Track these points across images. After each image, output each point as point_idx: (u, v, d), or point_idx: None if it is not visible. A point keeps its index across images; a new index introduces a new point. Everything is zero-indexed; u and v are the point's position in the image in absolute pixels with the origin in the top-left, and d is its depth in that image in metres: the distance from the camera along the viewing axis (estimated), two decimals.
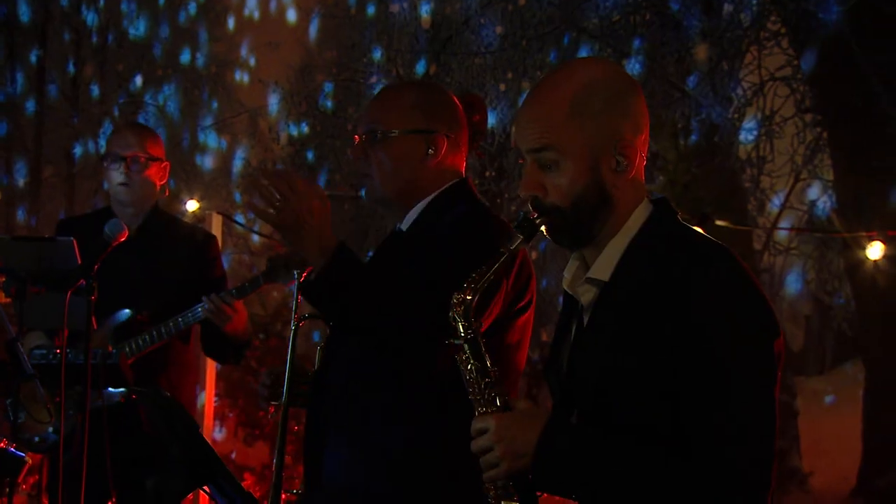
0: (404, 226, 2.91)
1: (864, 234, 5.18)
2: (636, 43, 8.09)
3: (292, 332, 3.05)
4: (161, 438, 2.61)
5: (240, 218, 10.13)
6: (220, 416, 9.04)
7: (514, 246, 2.10)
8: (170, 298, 4.01)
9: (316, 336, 9.57)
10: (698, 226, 2.20)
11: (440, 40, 9.23)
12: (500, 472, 2.02)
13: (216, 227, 6.06)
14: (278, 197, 2.61)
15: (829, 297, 9.18)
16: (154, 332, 3.95)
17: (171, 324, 3.95)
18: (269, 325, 9.70)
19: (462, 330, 2.09)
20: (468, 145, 2.97)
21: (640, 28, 8.19)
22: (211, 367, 6.02)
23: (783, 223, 8.61)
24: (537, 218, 2.10)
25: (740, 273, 2.01)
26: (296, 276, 3.05)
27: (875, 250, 4.88)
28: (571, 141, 2.07)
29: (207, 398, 5.93)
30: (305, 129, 10.87)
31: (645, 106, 2.14)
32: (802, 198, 8.68)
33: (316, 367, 2.99)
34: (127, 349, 3.92)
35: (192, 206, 6.76)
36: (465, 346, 2.09)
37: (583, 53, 8.20)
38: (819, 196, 8.48)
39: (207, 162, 13.02)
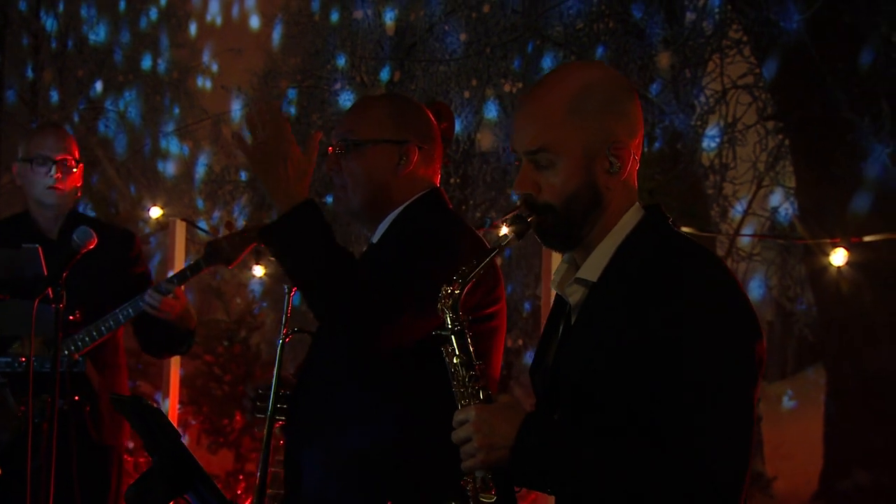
0: (375, 238, 2.97)
1: (828, 240, 5.23)
2: (599, 51, 8.15)
3: (279, 345, 3.07)
4: (144, 446, 2.61)
5: (203, 224, 10.09)
6: (183, 423, 8.99)
7: (505, 242, 2.14)
8: (97, 298, 4.02)
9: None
10: None
11: (404, 47, 9.24)
12: (476, 461, 2.05)
13: (179, 233, 6.03)
14: (262, 132, 2.67)
15: (791, 303, 9.26)
16: (94, 331, 3.96)
17: (110, 320, 3.97)
18: (233, 331, 9.67)
19: (449, 322, 2.12)
20: (442, 158, 3.01)
21: (603, 36, 8.25)
22: (174, 374, 5.99)
23: (746, 229, 8.68)
24: (528, 216, 2.13)
25: (724, 277, 2.05)
26: (286, 290, 3.08)
27: (839, 257, 4.94)
28: (567, 141, 2.11)
29: (171, 405, 5.89)
30: None
31: (640, 110, 2.19)
32: (765, 204, 8.74)
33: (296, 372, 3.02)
34: (72, 347, 3.92)
35: (155, 212, 6.73)
36: (452, 339, 2.12)
37: (547, 61, 8.25)
38: (781, 203, 8.54)
39: (170, 168, 12.94)
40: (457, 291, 2.12)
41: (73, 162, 4.09)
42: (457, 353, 2.12)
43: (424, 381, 2.67)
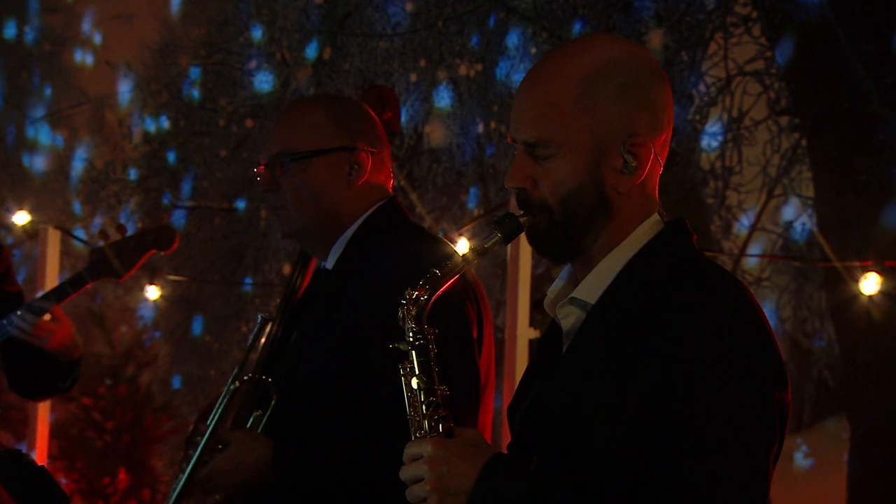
0: (329, 263, 3.03)
1: (856, 263, 5.28)
2: (577, 27, 8.19)
3: (226, 389, 3.09)
4: None
5: (81, 233, 10.00)
6: None
7: (489, 244, 2.13)
8: None
9: None
10: None
11: (336, 18, 9.23)
12: None
13: (52, 244, 5.99)
14: None
15: (808, 339, 9.35)
16: None
17: None
18: (118, 368, 9.61)
19: (411, 334, 2.10)
20: (390, 160, 3.09)
21: (581, 9, 8.29)
22: (42, 420, 5.93)
23: (753, 248, 8.75)
24: (522, 215, 2.13)
25: (748, 310, 2.05)
26: (259, 319, 3.13)
27: (869, 283, 4.98)
28: (575, 130, 2.11)
29: (38, 460, 5.82)
30: (165, 123, 10.77)
31: (671, 101, 2.18)
32: (777, 218, 8.83)
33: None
34: None
35: (21, 218, 6.67)
36: (412, 354, 2.10)
37: (512, 37, 8.27)
38: (797, 216, 8.62)
39: (39, 163, 12.83)
40: (423, 297, 2.10)
41: None
42: (416, 372, 2.10)
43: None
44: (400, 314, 2.10)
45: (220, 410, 3.10)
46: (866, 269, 5.04)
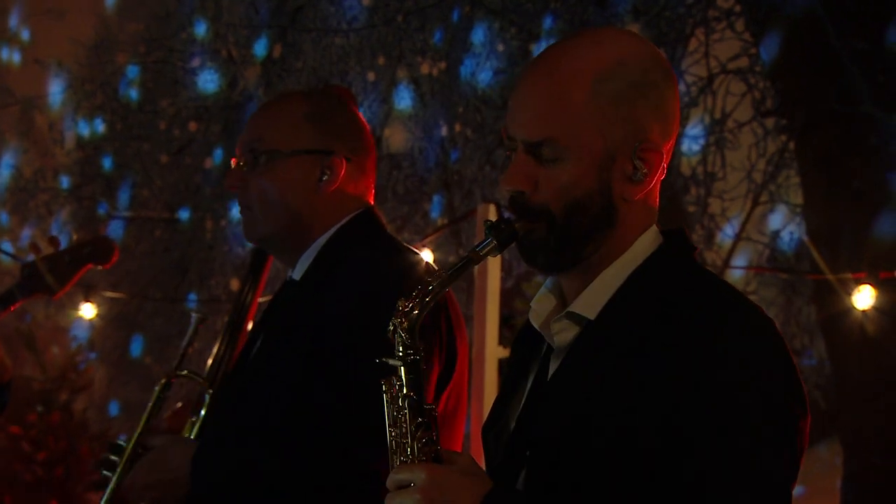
0: (297, 274, 3.04)
1: (849, 275, 5.32)
2: (548, 22, 8.20)
3: (159, 385, 3.12)
4: None
5: (8, 247, 9.94)
6: None
7: (483, 251, 2.12)
8: None
9: None
10: None
11: (287, 12, 9.23)
12: None
13: None
14: None
15: (797, 356, 9.37)
16: None
17: None
18: (50, 393, 9.55)
19: (401, 349, 2.08)
20: (373, 169, 3.09)
21: (553, 2, 8.31)
22: None
23: (737, 259, 8.79)
24: (517, 220, 2.11)
25: (767, 331, 2.05)
26: (193, 319, 3.15)
27: (863, 297, 5.03)
28: (585, 131, 2.09)
29: None
30: (101, 127, 10.72)
31: (678, 106, 2.18)
32: (763, 226, 8.86)
33: None
34: None
35: None
36: (401, 370, 2.08)
37: (478, 33, 8.28)
38: (784, 224, 8.65)
39: None
40: (416, 311, 2.07)
41: None
42: (404, 390, 2.07)
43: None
44: (391, 328, 2.08)
45: (147, 413, 3.12)
46: (859, 282, 5.08)
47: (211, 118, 9.57)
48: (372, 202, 3.11)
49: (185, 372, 3.22)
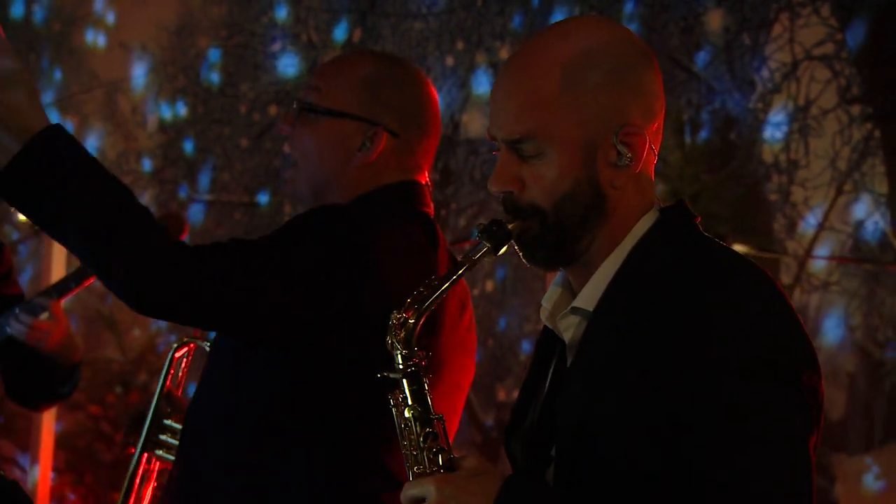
0: None
1: None
2: (629, 7, 8.18)
3: (169, 357, 3.11)
4: None
5: None
6: (58, 497, 8.95)
7: (477, 256, 2.13)
8: None
9: None
10: None
11: None
12: None
13: None
14: None
15: (881, 349, 9.29)
16: None
17: None
18: (129, 375, 9.64)
19: (401, 360, 2.11)
20: (432, 152, 3.00)
21: None
22: (48, 430, 5.99)
23: (820, 250, 8.71)
24: (510, 221, 2.13)
25: (762, 293, 2.05)
26: None
27: None
28: (561, 124, 2.11)
29: (42, 474, 5.90)
30: (183, 110, 10.82)
31: (661, 84, 2.18)
32: (846, 216, 8.78)
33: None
34: None
35: None
36: (403, 383, 2.10)
37: (558, 17, 8.26)
38: (868, 214, 8.56)
39: None
40: (412, 320, 2.09)
41: None
42: (409, 402, 2.10)
43: (359, 431, 2.70)
44: (388, 340, 2.10)
45: (163, 377, 3.11)
46: None
47: (291, 102, 9.61)
48: (425, 181, 2.99)
49: (185, 339, 3.17)
